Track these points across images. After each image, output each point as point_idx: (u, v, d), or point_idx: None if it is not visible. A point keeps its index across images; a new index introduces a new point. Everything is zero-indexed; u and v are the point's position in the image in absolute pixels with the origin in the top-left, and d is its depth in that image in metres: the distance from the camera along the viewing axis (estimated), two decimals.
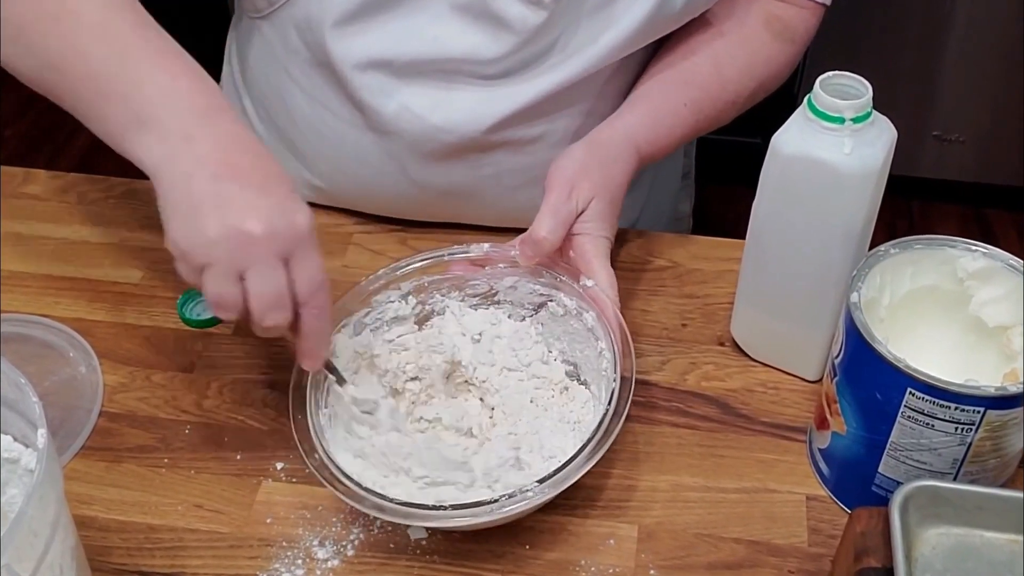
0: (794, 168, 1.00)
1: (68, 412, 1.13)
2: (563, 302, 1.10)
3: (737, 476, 1.07)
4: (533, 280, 1.11)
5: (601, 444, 0.96)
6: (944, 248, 1.00)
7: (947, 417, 0.90)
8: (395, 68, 1.19)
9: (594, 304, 1.07)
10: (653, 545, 1.02)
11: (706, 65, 1.23)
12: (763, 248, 1.08)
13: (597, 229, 1.11)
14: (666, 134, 1.21)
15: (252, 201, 0.92)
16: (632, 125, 1.19)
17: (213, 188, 0.92)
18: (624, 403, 0.98)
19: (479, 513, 0.92)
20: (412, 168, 1.25)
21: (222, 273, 0.92)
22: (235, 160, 0.95)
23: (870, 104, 0.97)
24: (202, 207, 0.92)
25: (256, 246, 0.91)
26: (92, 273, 1.28)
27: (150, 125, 0.95)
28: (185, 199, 0.93)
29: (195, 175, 0.93)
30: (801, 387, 1.15)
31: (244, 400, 1.14)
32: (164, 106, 0.96)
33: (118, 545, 1.02)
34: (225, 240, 0.91)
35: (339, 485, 0.94)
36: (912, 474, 0.96)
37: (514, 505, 0.92)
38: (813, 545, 1.02)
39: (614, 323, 1.05)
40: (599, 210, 1.11)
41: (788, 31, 1.25)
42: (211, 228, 0.91)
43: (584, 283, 1.08)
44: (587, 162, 1.13)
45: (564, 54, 1.19)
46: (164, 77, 0.97)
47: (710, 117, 1.24)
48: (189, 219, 0.92)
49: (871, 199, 1.00)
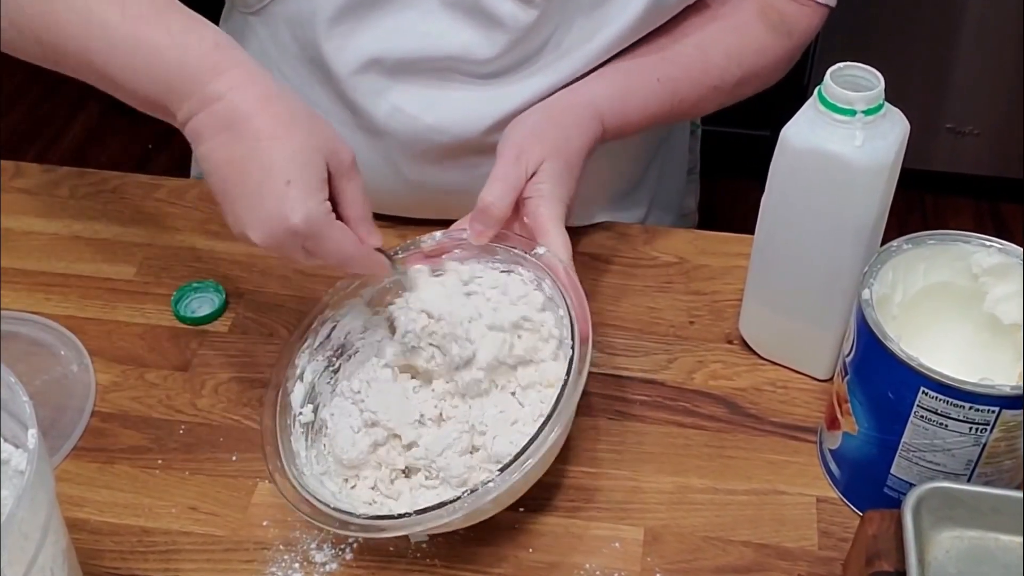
0: (804, 161, 0.99)
1: (59, 412, 1.13)
2: (522, 275, 1.07)
3: (745, 477, 1.07)
4: (491, 259, 1.09)
5: (559, 417, 0.93)
6: (958, 243, 1.00)
7: (961, 417, 0.90)
8: (386, 67, 1.19)
9: (548, 271, 1.05)
10: (659, 548, 1.02)
11: (690, 45, 1.22)
12: (772, 243, 1.08)
13: (550, 191, 1.08)
14: (635, 107, 1.20)
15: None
16: (596, 92, 1.18)
17: (256, 154, 0.95)
18: (581, 368, 0.96)
19: (443, 514, 0.91)
20: (406, 169, 1.25)
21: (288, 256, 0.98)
22: (229, 170, 0.96)
23: (882, 96, 0.97)
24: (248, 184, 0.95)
25: (271, 250, 0.97)
26: (84, 269, 1.28)
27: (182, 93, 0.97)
28: (228, 169, 0.96)
29: (209, 176, 0.97)
30: (811, 386, 1.15)
31: (240, 399, 1.14)
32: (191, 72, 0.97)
33: (110, 548, 1.02)
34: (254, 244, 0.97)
35: (303, 505, 0.95)
36: (925, 475, 0.96)
37: (479, 499, 0.91)
38: (824, 548, 1.01)
39: (568, 286, 1.03)
40: (552, 170, 1.09)
41: (784, 24, 1.24)
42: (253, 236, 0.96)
43: (536, 251, 1.06)
44: (540, 126, 1.13)
45: (558, 53, 1.19)
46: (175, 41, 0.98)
47: (689, 100, 1.23)
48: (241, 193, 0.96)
49: (883, 193, 1.00)
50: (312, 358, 1.07)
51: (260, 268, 1.27)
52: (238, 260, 1.28)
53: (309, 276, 1.26)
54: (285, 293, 1.25)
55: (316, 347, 1.08)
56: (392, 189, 1.27)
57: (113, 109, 3.18)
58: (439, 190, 1.27)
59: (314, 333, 1.08)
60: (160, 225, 1.33)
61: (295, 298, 1.24)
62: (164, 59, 0.97)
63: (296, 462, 0.99)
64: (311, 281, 1.25)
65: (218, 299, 1.23)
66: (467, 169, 1.25)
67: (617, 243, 1.30)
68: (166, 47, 0.97)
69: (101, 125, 3.27)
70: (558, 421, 0.93)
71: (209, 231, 1.32)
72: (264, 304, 1.24)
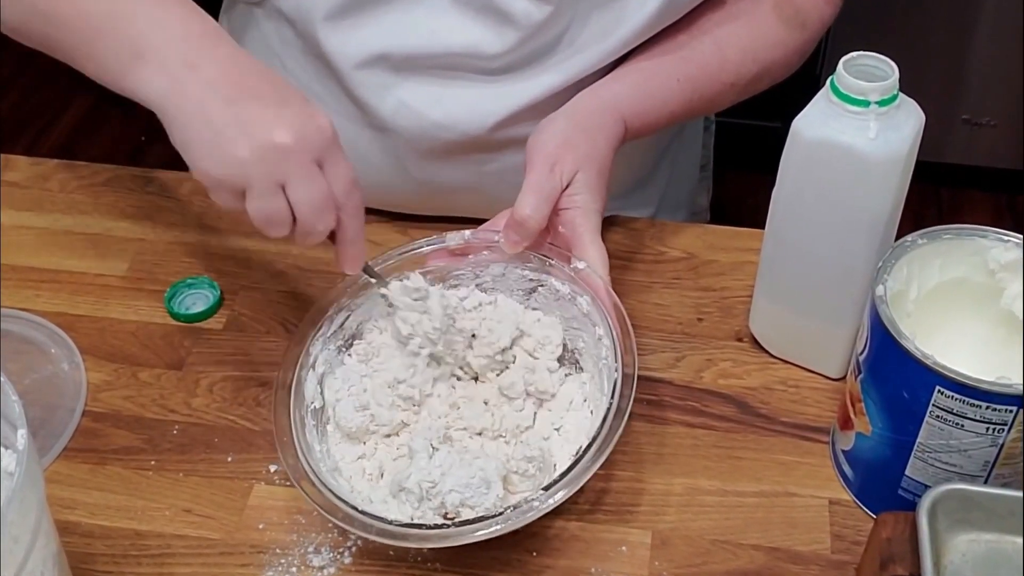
0: (816, 154, 0.99)
1: (50, 411, 1.13)
2: (554, 287, 1.09)
3: (756, 479, 1.07)
4: (521, 265, 1.10)
5: (606, 443, 0.95)
6: (974, 238, 1.00)
7: (978, 417, 0.90)
8: (393, 63, 1.19)
9: (587, 287, 1.06)
10: (667, 552, 1.02)
11: (706, 42, 1.22)
12: (783, 238, 1.08)
13: (586, 202, 1.10)
14: (656, 108, 1.20)
15: (274, 114, 0.96)
16: (618, 95, 1.18)
17: (231, 110, 0.95)
18: (627, 398, 0.97)
19: (480, 528, 0.91)
20: (412, 166, 1.25)
21: (265, 190, 0.95)
22: (244, 80, 0.98)
23: (896, 86, 0.97)
24: (226, 131, 0.94)
25: (291, 156, 0.95)
26: (75, 265, 1.28)
27: (147, 57, 0.97)
28: (205, 127, 0.95)
29: (208, 101, 0.95)
30: (823, 385, 1.15)
31: (235, 399, 1.14)
32: (159, 36, 0.98)
33: (102, 552, 1.02)
34: (260, 157, 0.94)
35: (317, 496, 0.95)
36: (941, 477, 0.95)
37: (521, 516, 0.92)
38: (836, 552, 1.02)
39: (610, 306, 1.04)
40: (587, 182, 1.10)
41: (799, 16, 1.24)
42: (242, 149, 0.94)
43: (575, 265, 1.07)
44: (569, 133, 1.13)
45: (572, 49, 1.19)
46: (153, 7, 0.99)
47: (706, 97, 1.24)
48: (215, 146, 0.95)
49: (897, 186, 1.00)
50: (324, 347, 1.08)
51: (256, 264, 1.27)
52: (233, 256, 1.28)
53: (306, 272, 1.26)
54: (282, 290, 1.25)
55: (329, 335, 1.08)
56: (398, 186, 1.27)
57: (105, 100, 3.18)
58: (445, 187, 1.27)
59: (329, 321, 1.09)
60: (153, 220, 1.33)
61: (292, 295, 1.24)
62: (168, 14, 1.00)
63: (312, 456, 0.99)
64: (308, 277, 1.25)
65: (213, 296, 1.23)
66: (474, 166, 1.25)
67: (624, 238, 1.30)
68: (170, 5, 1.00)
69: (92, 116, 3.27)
70: (604, 446, 0.95)
71: (204, 226, 1.32)
72: (260, 301, 1.24)
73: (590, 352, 1.07)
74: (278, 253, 1.28)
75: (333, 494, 0.94)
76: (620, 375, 0.98)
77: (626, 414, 0.96)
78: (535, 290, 1.11)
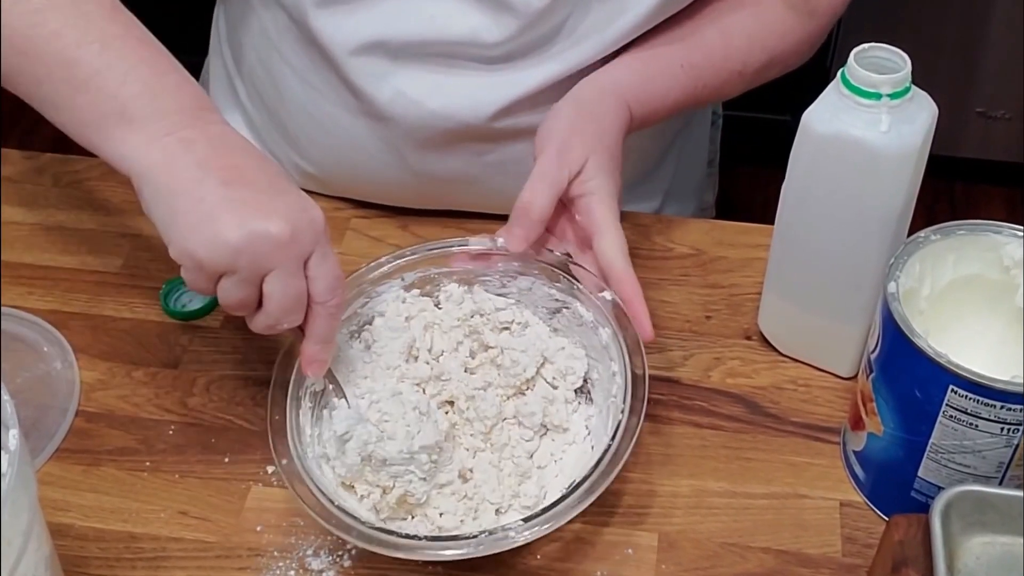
0: (827, 148, 0.99)
1: (42, 411, 1.13)
2: (579, 312, 1.09)
3: (765, 480, 1.07)
4: (550, 284, 1.10)
5: (597, 484, 0.94)
6: (989, 234, 1.00)
7: (992, 417, 0.90)
8: (389, 50, 1.19)
9: (611, 319, 1.05)
10: (674, 555, 1.02)
11: (711, 30, 1.22)
12: (793, 234, 1.08)
13: (600, 187, 1.09)
14: (659, 95, 1.20)
15: (269, 203, 0.94)
16: (620, 81, 1.18)
17: (225, 193, 0.94)
18: (631, 435, 0.97)
19: (451, 547, 0.92)
20: (410, 156, 1.25)
21: (245, 279, 0.94)
22: (238, 163, 0.97)
23: (909, 78, 0.97)
24: (217, 213, 0.93)
25: (281, 249, 0.93)
26: (68, 261, 1.28)
27: (136, 124, 0.96)
28: (196, 206, 0.94)
29: (201, 180, 0.94)
30: (834, 384, 1.15)
31: (233, 398, 1.14)
32: (151, 105, 0.97)
33: (96, 555, 1.02)
34: (249, 245, 0.92)
35: (310, 500, 0.95)
36: (954, 478, 0.95)
37: (494, 543, 0.92)
38: (847, 555, 1.02)
39: (632, 343, 1.04)
40: (600, 165, 1.10)
41: (807, 4, 1.24)
42: (232, 234, 0.92)
43: (604, 296, 1.07)
44: (576, 119, 1.13)
45: (573, 38, 1.18)
46: (148, 72, 0.99)
47: (711, 86, 1.23)
48: (204, 226, 0.93)
49: (910, 181, 1.00)
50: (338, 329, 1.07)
51: None
52: None
53: None
54: None
55: (344, 319, 1.08)
56: (396, 178, 1.27)
57: None
58: (443, 178, 1.27)
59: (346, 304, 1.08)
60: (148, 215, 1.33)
61: None
62: (163, 81, 0.99)
63: (301, 440, 1.00)
64: None
65: None
66: (473, 156, 1.25)
67: (630, 233, 1.29)
68: (165, 71, 1.00)
69: None
70: (592, 489, 0.94)
71: None
72: None
73: (602, 386, 1.07)
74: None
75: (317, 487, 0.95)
76: (625, 418, 0.98)
77: (624, 458, 0.95)
78: (559, 311, 1.11)
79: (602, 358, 1.07)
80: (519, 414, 1.06)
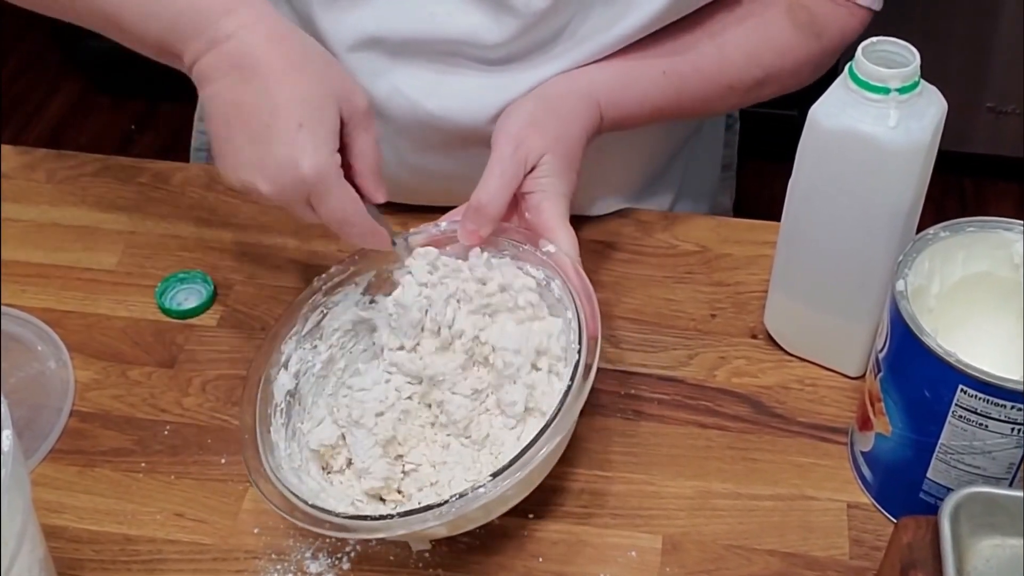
0: (834, 143, 0.99)
1: (36, 411, 1.13)
2: (530, 272, 1.08)
3: (771, 482, 1.07)
4: (498, 253, 1.09)
5: (564, 422, 0.93)
6: (999, 231, 1.00)
7: (1002, 417, 0.90)
8: (388, 47, 1.19)
9: (559, 271, 1.05)
10: (678, 558, 1.02)
11: (707, 41, 1.21)
12: (800, 231, 1.08)
13: (552, 185, 1.09)
14: (636, 99, 1.20)
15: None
16: (595, 81, 1.18)
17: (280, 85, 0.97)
18: (587, 372, 0.96)
19: (428, 518, 0.90)
20: (406, 154, 1.25)
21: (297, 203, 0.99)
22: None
23: (918, 73, 0.97)
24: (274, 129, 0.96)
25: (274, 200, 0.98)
26: (62, 259, 1.28)
27: (240, 11, 0.99)
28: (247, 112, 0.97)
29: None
30: (842, 384, 1.15)
31: (229, 398, 1.14)
32: None
33: (91, 558, 1.02)
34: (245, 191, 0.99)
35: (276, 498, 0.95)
36: (964, 479, 0.95)
37: (467, 504, 0.90)
38: (855, 558, 1.02)
39: (579, 287, 1.03)
40: (554, 165, 1.10)
41: (814, 25, 1.23)
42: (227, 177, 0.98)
43: (546, 249, 1.06)
44: (538, 115, 1.13)
45: (574, 41, 1.18)
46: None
47: (697, 98, 1.23)
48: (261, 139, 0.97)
49: (919, 177, 1.00)
50: (299, 346, 1.07)
51: (251, 257, 1.27)
52: (227, 249, 1.28)
53: (303, 266, 1.26)
54: (277, 284, 1.25)
55: (304, 334, 1.08)
56: (391, 173, 1.27)
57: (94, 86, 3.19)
58: (441, 177, 1.27)
59: (303, 319, 1.08)
60: (144, 211, 1.33)
61: (288, 289, 1.24)
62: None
63: (275, 454, 0.99)
64: (305, 272, 1.25)
65: (206, 290, 1.23)
66: (471, 158, 1.24)
67: (634, 230, 1.30)
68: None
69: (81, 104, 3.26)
70: (558, 430, 0.93)
71: (196, 218, 1.32)
72: (255, 296, 1.24)
73: (565, 337, 1.06)
74: (274, 246, 1.28)
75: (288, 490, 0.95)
76: (583, 358, 0.97)
77: (581, 396, 0.95)
78: None
79: (560, 312, 1.06)
80: (501, 403, 1.05)
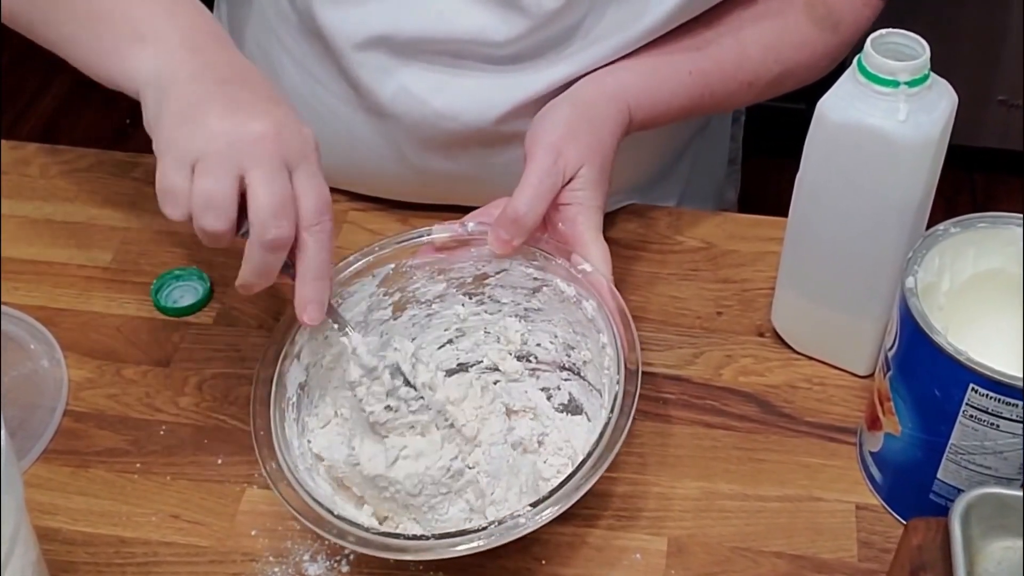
0: (842, 137, 0.99)
1: (29, 411, 1.13)
2: (559, 288, 1.08)
3: (779, 483, 1.07)
4: (526, 263, 1.09)
5: (605, 454, 0.93)
6: (1010, 227, 1.00)
7: (1014, 416, 0.90)
8: (395, 45, 1.19)
9: (593, 291, 1.05)
10: (684, 560, 1.02)
11: (727, 38, 1.22)
12: (808, 227, 1.08)
13: (588, 198, 1.09)
14: (664, 100, 1.20)
15: (261, 105, 0.96)
16: (624, 83, 1.18)
17: (221, 89, 0.96)
18: (630, 406, 0.96)
19: (461, 542, 0.90)
20: (411, 154, 1.25)
21: (219, 164, 0.92)
22: (243, 73, 0.99)
23: (927, 65, 0.97)
24: (207, 105, 0.94)
25: (263, 144, 0.93)
26: (56, 255, 1.28)
27: (148, 40, 0.99)
28: (187, 97, 0.95)
29: (202, 76, 0.97)
30: (850, 383, 1.15)
31: (226, 398, 1.14)
32: (166, 24, 1.01)
33: (85, 560, 1.02)
34: (228, 133, 0.92)
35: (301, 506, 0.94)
36: (975, 480, 0.95)
37: (505, 532, 0.90)
38: (864, 560, 1.02)
39: (615, 311, 1.03)
40: (590, 178, 1.09)
41: (831, 18, 1.23)
42: (214, 121, 0.93)
43: (582, 267, 1.06)
44: (574, 123, 1.12)
45: (586, 41, 1.18)
46: (166, 2, 1.03)
47: (720, 94, 1.23)
48: (189, 115, 0.94)
49: (928, 172, 1.00)
50: (312, 337, 1.06)
51: None
52: None
53: None
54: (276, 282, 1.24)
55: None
56: (396, 173, 1.27)
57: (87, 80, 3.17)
58: (446, 177, 1.27)
59: None
60: (139, 207, 1.33)
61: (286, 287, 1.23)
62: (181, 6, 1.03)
63: (290, 452, 0.98)
64: None
65: (202, 288, 1.23)
66: (478, 158, 1.24)
67: (639, 227, 1.30)
68: None
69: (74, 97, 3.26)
70: (602, 462, 0.93)
71: None
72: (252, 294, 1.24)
73: (594, 362, 1.06)
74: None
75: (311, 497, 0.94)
76: (621, 389, 0.97)
77: (625, 431, 0.95)
78: (539, 290, 1.10)
79: (589, 332, 1.06)
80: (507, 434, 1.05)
